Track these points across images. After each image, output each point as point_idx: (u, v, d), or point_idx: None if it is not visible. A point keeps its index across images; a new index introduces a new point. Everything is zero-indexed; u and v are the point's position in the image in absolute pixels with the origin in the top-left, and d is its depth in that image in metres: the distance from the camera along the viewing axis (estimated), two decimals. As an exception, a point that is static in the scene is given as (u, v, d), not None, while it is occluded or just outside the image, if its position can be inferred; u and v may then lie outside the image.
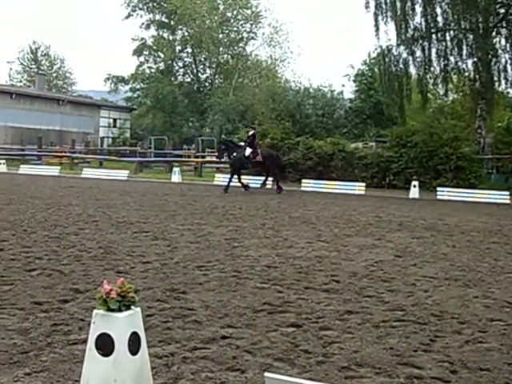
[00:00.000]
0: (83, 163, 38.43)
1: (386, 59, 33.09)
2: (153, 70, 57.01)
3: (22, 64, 76.17)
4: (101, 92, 66.91)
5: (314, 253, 9.76)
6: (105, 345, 3.76)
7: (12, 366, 4.54)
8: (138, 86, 57.22)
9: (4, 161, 34.20)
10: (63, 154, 41.05)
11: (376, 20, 32.38)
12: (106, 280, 3.93)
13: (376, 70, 39.43)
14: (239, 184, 22.92)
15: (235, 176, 23.02)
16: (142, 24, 56.23)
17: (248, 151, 22.41)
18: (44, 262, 8.22)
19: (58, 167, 33.50)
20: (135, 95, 58.34)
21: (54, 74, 77.41)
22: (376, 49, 34.56)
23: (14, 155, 41.19)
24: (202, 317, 5.89)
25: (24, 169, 32.73)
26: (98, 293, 3.81)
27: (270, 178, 24.43)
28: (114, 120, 59.31)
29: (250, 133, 23.61)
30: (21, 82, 74.80)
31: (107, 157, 40.44)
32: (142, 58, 56.70)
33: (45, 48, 76.72)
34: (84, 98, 66.26)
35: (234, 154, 22.59)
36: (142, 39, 56.18)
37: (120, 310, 3.78)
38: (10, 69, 75.19)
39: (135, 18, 56.30)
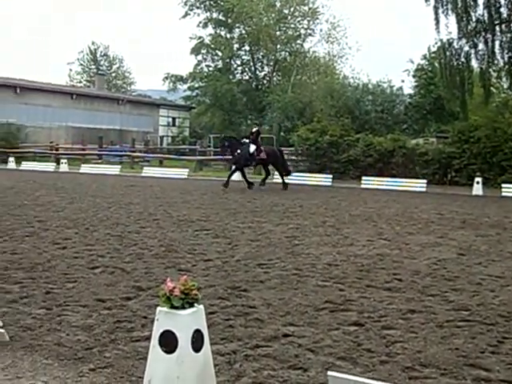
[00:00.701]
0: (143, 162, 38.96)
1: (447, 53, 32.22)
2: (211, 69, 57.28)
3: (81, 65, 78.00)
4: (159, 91, 67.67)
5: (375, 251, 9.65)
6: (168, 342, 3.79)
7: (77, 362, 4.65)
8: (196, 85, 57.61)
9: (66, 160, 34.93)
10: (122, 152, 41.74)
11: (436, 13, 31.56)
12: (170, 278, 3.96)
13: (436, 64, 38.48)
14: (243, 180, 22.65)
15: (235, 173, 22.81)
16: (200, 23, 56.61)
17: (252, 148, 21.95)
18: (106, 260, 8.39)
19: (119, 166, 34.05)
20: (194, 94, 58.73)
21: (113, 74, 78.87)
22: (436, 43, 33.59)
23: (75, 154, 42.08)
24: (264, 315, 5.90)
25: (85, 168, 33.38)
26: (161, 290, 3.84)
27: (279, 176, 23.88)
28: (173, 119, 60.02)
29: (254, 129, 23.09)
30: (81, 82, 76.51)
31: (167, 155, 40.88)
32: (199, 57, 57.02)
33: (104, 48, 78.42)
34: (143, 97, 67.26)
35: (238, 151, 22.00)
36: (200, 38, 56.51)
37: (183, 308, 3.81)
38: (70, 70, 76.86)
39: (192, 16, 56.77)
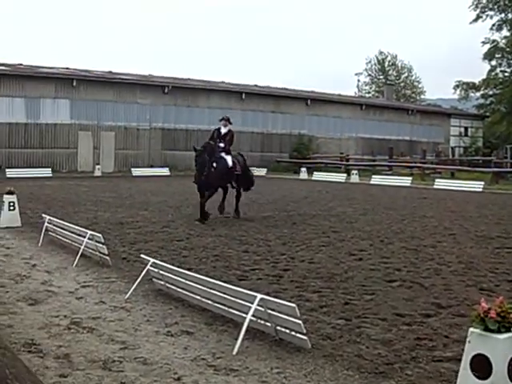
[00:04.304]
0: (434, 174, 38.18)
1: None
2: (506, 74, 54.24)
3: (369, 75, 79.78)
4: (449, 100, 66.27)
5: None
6: (481, 367, 3.61)
7: (378, 376, 4.66)
8: (490, 92, 55.04)
9: (356, 171, 35.65)
10: (413, 164, 41.37)
11: None
12: (484, 298, 3.76)
13: None
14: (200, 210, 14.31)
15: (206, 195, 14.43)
16: (493, 25, 53.97)
17: (230, 160, 14.84)
18: (403, 274, 8.34)
19: (410, 178, 33.76)
20: (487, 102, 56.23)
21: (402, 84, 78.99)
22: None
23: (365, 165, 42.77)
24: None
25: (375, 179, 33.62)
26: (475, 311, 3.69)
27: None
28: (466, 128, 58.01)
29: (224, 130, 14.95)
30: (369, 93, 78.19)
31: (459, 167, 39.59)
32: (494, 62, 54.44)
33: (391, 58, 79.00)
34: (432, 106, 66.13)
35: (214, 165, 14.37)
36: (494, 41, 53.91)
37: (499, 331, 3.59)
38: (358, 80, 79.11)
39: (484, 19, 54.31)
